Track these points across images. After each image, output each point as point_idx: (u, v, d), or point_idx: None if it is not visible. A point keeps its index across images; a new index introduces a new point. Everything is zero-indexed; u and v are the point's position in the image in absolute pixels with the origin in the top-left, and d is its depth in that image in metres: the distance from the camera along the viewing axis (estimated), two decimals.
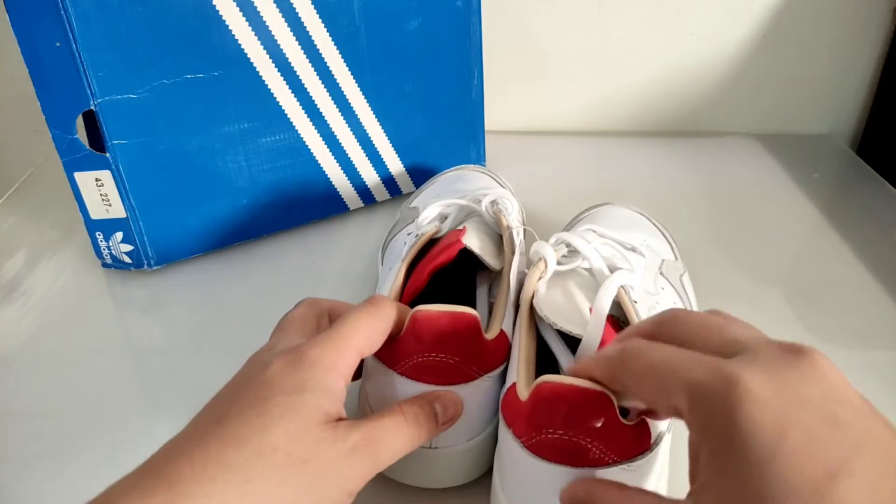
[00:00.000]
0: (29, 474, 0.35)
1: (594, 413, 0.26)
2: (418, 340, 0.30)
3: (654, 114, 0.71)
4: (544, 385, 0.27)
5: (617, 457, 0.26)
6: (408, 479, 0.34)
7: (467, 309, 0.31)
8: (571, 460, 0.26)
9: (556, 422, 0.26)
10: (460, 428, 0.32)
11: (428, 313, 0.30)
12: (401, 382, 0.31)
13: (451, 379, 0.31)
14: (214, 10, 0.44)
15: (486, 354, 0.32)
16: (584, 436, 0.26)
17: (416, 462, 0.33)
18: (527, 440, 0.28)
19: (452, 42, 0.54)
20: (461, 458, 0.33)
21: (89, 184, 0.46)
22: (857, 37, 0.67)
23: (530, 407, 0.27)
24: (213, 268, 0.51)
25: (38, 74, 0.42)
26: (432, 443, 0.32)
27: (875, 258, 0.51)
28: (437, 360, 0.31)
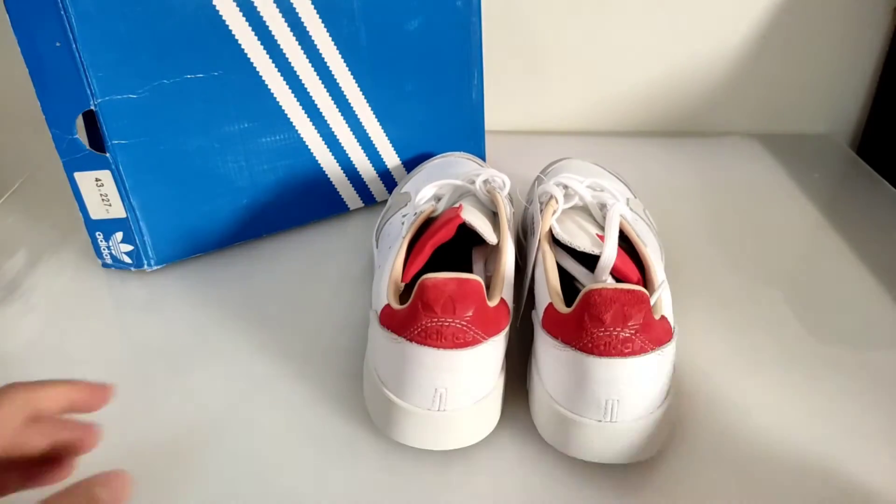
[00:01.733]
0: None
1: (637, 310, 0.31)
2: (427, 307, 0.32)
3: (654, 114, 0.71)
4: (593, 291, 0.32)
5: (653, 345, 0.32)
6: (415, 442, 0.34)
7: (472, 275, 0.33)
8: (618, 352, 0.31)
9: (608, 320, 0.31)
10: (466, 389, 0.34)
11: (435, 280, 0.33)
12: (409, 348, 0.33)
13: (457, 343, 0.32)
14: (214, 10, 0.44)
15: (490, 319, 0.34)
16: (628, 329, 0.31)
17: (423, 425, 0.34)
18: (577, 343, 0.32)
19: (452, 42, 0.54)
20: (467, 419, 0.34)
21: (89, 184, 0.46)
22: (858, 37, 0.67)
23: (579, 312, 0.32)
24: (213, 268, 0.51)
25: (38, 74, 0.42)
26: (439, 405, 0.33)
27: (875, 258, 0.51)
28: (444, 325, 0.32)
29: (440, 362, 0.33)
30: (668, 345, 0.33)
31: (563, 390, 0.34)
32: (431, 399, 0.33)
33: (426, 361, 0.33)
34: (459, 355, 0.33)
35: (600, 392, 0.32)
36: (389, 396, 0.34)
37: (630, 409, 0.32)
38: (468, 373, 0.33)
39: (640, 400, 0.33)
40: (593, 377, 0.32)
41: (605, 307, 0.32)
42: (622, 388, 0.32)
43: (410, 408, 0.34)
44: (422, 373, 0.33)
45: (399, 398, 0.34)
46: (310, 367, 0.41)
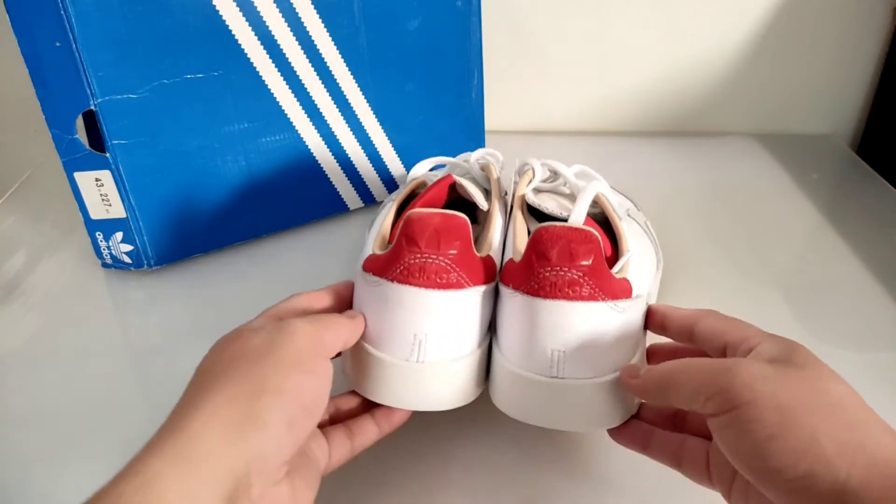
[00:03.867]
0: (29, 474, 0.35)
1: (585, 249, 0.30)
2: (411, 241, 0.31)
3: (655, 114, 0.71)
4: (541, 228, 0.31)
5: (605, 294, 0.30)
6: (390, 398, 0.33)
7: (458, 213, 0.33)
8: (567, 295, 0.30)
9: (553, 257, 0.30)
10: (446, 340, 0.32)
11: (420, 213, 0.32)
12: (390, 289, 0.32)
13: (440, 283, 0.31)
14: (214, 9, 0.44)
15: (475, 265, 0.33)
16: (575, 269, 0.30)
17: (400, 378, 0.32)
18: (525, 286, 0.31)
19: (452, 42, 0.54)
20: (446, 377, 0.33)
21: (89, 184, 0.46)
22: (858, 37, 0.67)
23: (528, 252, 0.31)
24: (213, 268, 0.51)
25: (38, 74, 0.42)
26: (418, 354, 0.32)
27: (875, 258, 0.51)
28: (428, 261, 0.31)
29: (421, 303, 0.31)
30: (626, 301, 0.31)
31: (514, 344, 0.32)
32: (410, 347, 0.32)
33: (407, 302, 0.31)
34: (441, 297, 0.31)
35: (546, 340, 0.31)
36: (366, 348, 0.33)
37: (578, 365, 0.31)
38: (449, 319, 0.32)
39: (590, 356, 0.31)
40: (539, 323, 0.31)
41: (551, 243, 0.31)
42: (568, 338, 0.30)
43: (387, 358, 0.32)
44: (401, 315, 0.32)
45: (376, 348, 0.33)
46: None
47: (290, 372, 0.27)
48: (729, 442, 0.25)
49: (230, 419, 0.25)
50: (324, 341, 0.29)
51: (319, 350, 0.28)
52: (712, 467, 0.29)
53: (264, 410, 0.25)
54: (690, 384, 0.26)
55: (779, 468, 0.23)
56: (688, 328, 0.31)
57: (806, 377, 0.25)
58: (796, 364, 0.25)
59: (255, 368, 0.26)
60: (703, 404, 0.25)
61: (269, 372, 0.26)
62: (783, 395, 0.24)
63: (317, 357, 0.28)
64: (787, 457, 0.23)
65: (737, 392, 0.24)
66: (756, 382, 0.24)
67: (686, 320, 0.31)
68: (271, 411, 0.25)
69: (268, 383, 0.26)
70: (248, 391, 0.25)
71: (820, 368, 0.25)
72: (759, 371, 0.25)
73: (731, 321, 0.30)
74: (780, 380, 0.24)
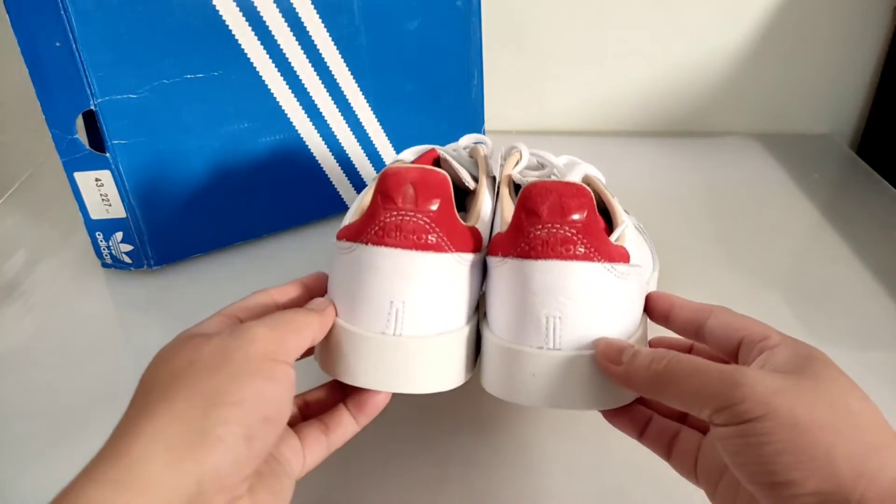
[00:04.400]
0: (29, 474, 0.35)
1: (577, 203, 0.28)
2: (386, 197, 0.29)
3: (655, 114, 0.71)
4: (530, 184, 0.29)
5: (601, 255, 0.28)
6: (364, 378, 0.29)
7: (438, 168, 0.31)
8: (561, 254, 0.28)
9: (544, 213, 0.28)
10: (427, 310, 0.29)
11: (397, 168, 0.30)
12: (364, 253, 0.29)
13: (419, 243, 0.29)
14: (214, 9, 0.44)
15: (458, 230, 0.30)
16: (568, 226, 0.28)
17: (375, 353, 0.29)
18: (514, 249, 0.29)
19: (452, 42, 0.54)
20: (426, 353, 0.29)
21: (89, 184, 0.46)
22: (858, 36, 0.67)
23: (517, 212, 0.29)
24: (213, 268, 0.51)
25: (38, 74, 0.42)
26: (395, 325, 0.29)
27: (875, 258, 0.51)
28: (405, 219, 0.29)
29: (397, 265, 0.29)
30: (624, 266, 0.29)
31: (504, 316, 0.29)
32: (386, 317, 0.29)
33: (382, 266, 0.29)
34: (420, 259, 0.29)
35: (539, 306, 0.28)
36: (337, 324, 0.30)
37: (575, 332, 0.28)
38: (429, 286, 0.29)
39: (588, 324, 0.28)
40: (531, 287, 0.28)
41: (541, 198, 0.28)
42: (563, 301, 0.28)
43: (360, 332, 0.29)
44: (376, 281, 0.29)
45: (349, 322, 0.30)
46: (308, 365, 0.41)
47: (247, 380, 0.24)
48: (734, 452, 0.23)
49: (178, 438, 0.22)
50: (286, 346, 0.26)
51: (281, 355, 0.26)
52: (700, 463, 0.28)
53: (218, 424, 0.23)
54: (695, 388, 0.24)
55: (786, 484, 0.22)
56: (697, 321, 0.29)
57: (824, 391, 0.23)
58: (814, 375, 0.24)
59: (207, 379, 0.24)
60: (709, 414, 0.24)
61: (223, 382, 0.24)
62: (799, 412, 0.22)
63: (277, 363, 0.26)
64: (798, 473, 0.21)
65: (749, 406, 0.23)
66: (771, 397, 0.22)
67: (697, 313, 0.29)
68: (226, 425, 0.23)
69: (222, 395, 0.23)
70: (198, 405, 0.23)
71: (839, 381, 0.24)
72: (774, 384, 0.23)
73: (748, 318, 0.28)
74: (797, 394, 0.23)
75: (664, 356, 0.26)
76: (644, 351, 0.27)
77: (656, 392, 0.26)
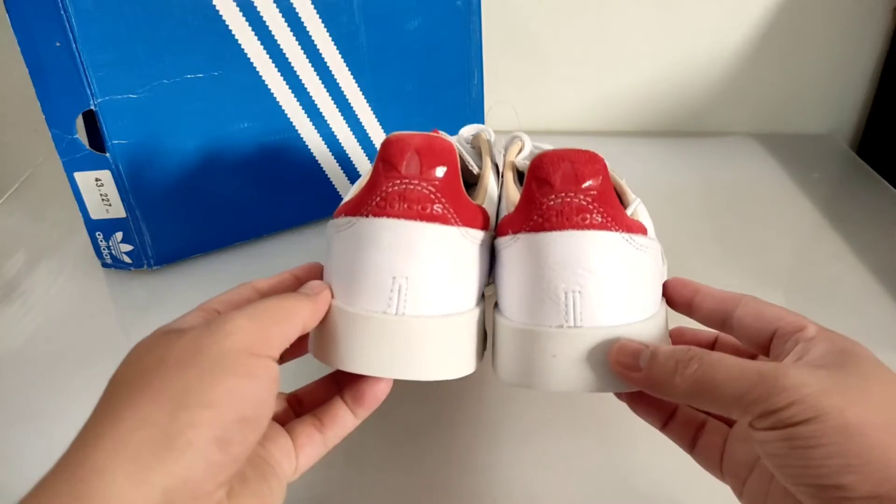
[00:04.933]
0: (28, 475, 0.35)
1: (591, 169, 0.27)
2: (388, 165, 0.27)
3: (654, 113, 0.71)
4: (540, 153, 0.27)
5: (618, 225, 0.27)
6: (365, 364, 0.27)
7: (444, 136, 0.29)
8: (577, 224, 0.26)
9: (557, 182, 0.27)
10: (432, 288, 0.27)
11: (400, 135, 0.28)
12: (364, 227, 0.27)
13: (423, 213, 0.27)
14: (214, 9, 0.44)
15: (465, 204, 0.29)
16: (582, 194, 0.26)
17: (377, 335, 0.27)
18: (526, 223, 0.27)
19: (452, 42, 0.54)
20: (432, 335, 0.27)
21: (89, 184, 0.46)
22: (858, 36, 0.67)
23: (528, 184, 0.27)
24: (213, 268, 0.51)
25: (38, 74, 0.42)
26: (397, 304, 0.27)
27: (875, 258, 0.51)
28: (409, 188, 0.27)
29: (400, 237, 0.27)
30: (642, 238, 0.27)
31: (518, 297, 0.27)
32: (388, 295, 0.26)
33: (383, 239, 0.27)
34: (423, 231, 0.27)
35: (557, 281, 0.26)
36: (335, 307, 0.27)
37: (597, 307, 0.26)
38: (434, 260, 0.27)
39: (610, 294, 0.26)
40: (547, 261, 0.26)
41: (552, 167, 0.27)
42: (582, 274, 0.26)
43: (361, 312, 0.27)
44: (377, 255, 0.27)
45: (348, 304, 0.27)
46: (308, 365, 0.41)
47: (220, 378, 0.22)
48: (778, 455, 0.22)
49: (142, 444, 0.20)
50: (268, 337, 0.24)
51: (261, 349, 0.23)
52: (726, 458, 0.26)
53: (187, 428, 0.21)
54: (732, 394, 0.22)
55: (837, 487, 0.20)
56: (724, 311, 0.27)
57: (874, 388, 0.22)
58: (860, 372, 0.22)
59: (176, 378, 0.22)
60: (750, 420, 0.22)
61: (193, 381, 0.22)
62: (850, 412, 0.21)
63: (257, 358, 0.23)
64: (850, 477, 0.20)
65: (797, 410, 0.21)
66: (820, 399, 0.21)
67: (724, 302, 0.27)
68: (196, 428, 0.21)
69: (191, 395, 0.21)
70: (165, 407, 0.21)
71: (886, 376, 0.22)
72: (821, 384, 0.21)
73: (781, 308, 0.26)
74: (845, 393, 0.21)
75: (690, 357, 0.24)
76: (663, 351, 0.25)
77: (687, 399, 0.24)
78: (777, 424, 0.21)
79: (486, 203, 0.31)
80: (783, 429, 0.21)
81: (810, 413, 0.21)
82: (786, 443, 0.21)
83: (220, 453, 0.21)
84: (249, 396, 0.22)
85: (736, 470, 0.26)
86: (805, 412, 0.21)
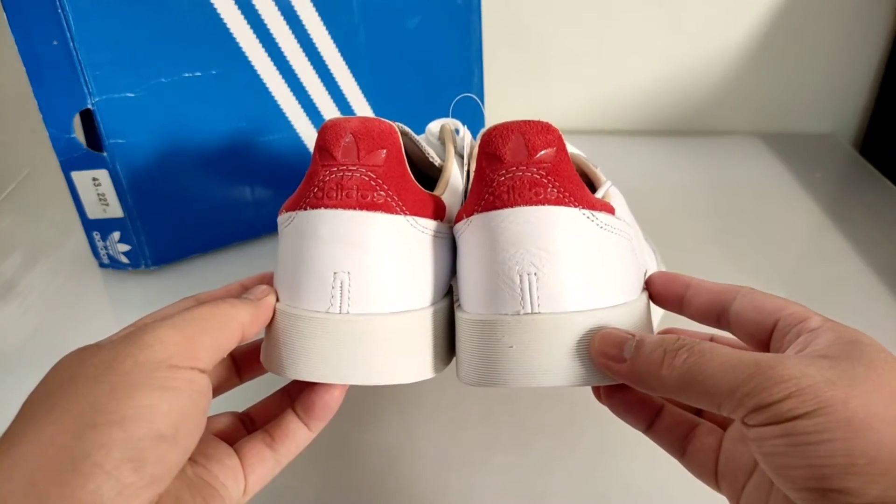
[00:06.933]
0: None
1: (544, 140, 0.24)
2: (324, 152, 0.25)
3: (656, 113, 0.71)
4: (490, 128, 0.25)
5: (577, 201, 0.24)
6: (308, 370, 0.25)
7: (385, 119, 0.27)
8: (530, 199, 0.24)
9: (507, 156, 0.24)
10: (378, 283, 0.25)
11: (336, 119, 0.26)
12: (302, 220, 0.25)
13: (362, 202, 0.25)
14: (212, 8, 0.44)
15: (411, 191, 0.26)
16: (535, 167, 0.24)
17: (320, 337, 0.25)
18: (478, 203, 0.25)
19: (452, 40, 0.54)
20: (385, 335, 0.25)
21: (86, 183, 0.46)
22: (860, 36, 0.66)
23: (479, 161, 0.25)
24: (211, 268, 0.50)
25: (36, 73, 0.42)
26: (340, 302, 0.24)
27: (878, 257, 0.51)
28: (346, 175, 0.25)
29: (339, 228, 0.25)
30: (606, 216, 0.25)
31: (473, 286, 0.25)
32: (329, 293, 0.24)
33: (321, 231, 0.25)
34: (365, 220, 0.25)
35: (511, 263, 0.24)
36: (279, 310, 0.26)
37: (556, 290, 0.23)
38: (377, 252, 0.25)
39: (570, 275, 0.24)
40: (499, 242, 0.24)
41: (502, 139, 0.24)
42: (537, 253, 0.23)
43: (302, 313, 0.25)
44: (316, 249, 0.25)
45: (290, 306, 0.25)
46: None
47: (133, 392, 0.20)
48: (775, 454, 0.19)
49: (43, 471, 0.18)
50: (194, 347, 0.22)
51: (184, 360, 0.21)
52: (721, 464, 0.24)
53: (93, 449, 0.19)
54: (725, 386, 0.20)
55: (841, 491, 0.18)
56: (720, 304, 0.25)
57: (883, 379, 0.19)
58: (868, 362, 0.20)
59: (84, 395, 0.20)
60: (743, 414, 0.20)
61: (103, 397, 0.20)
62: (855, 404, 0.19)
63: (177, 370, 0.21)
64: (856, 479, 0.18)
65: (797, 402, 0.19)
66: (822, 389, 0.19)
67: (719, 295, 0.25)
68: (103, 449, 0.19)
69: (99, 412, 0.19)
70: (70, 428, 0.19)
71: None
72: (823, 374, 0.19)
73: (781, 300, 0.24)
74: (851, 384, 0.19)
75: (679, 346, 0.22)
76: (650, 340, 0.22)
77: (676, 393, 0.22)
78: (774, 419, 0.19)
79: (448, 193, 0.29)
80: (780, 423, 0.19)
81: (811, 405, 0.19)
82: (784, 439, 0.19)
83: (134, 475, 0.19)
84: (167, 411, 0.20)
85: (733, 475, 0.23)
86: (805, 404, 0.19)
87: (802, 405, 0.19)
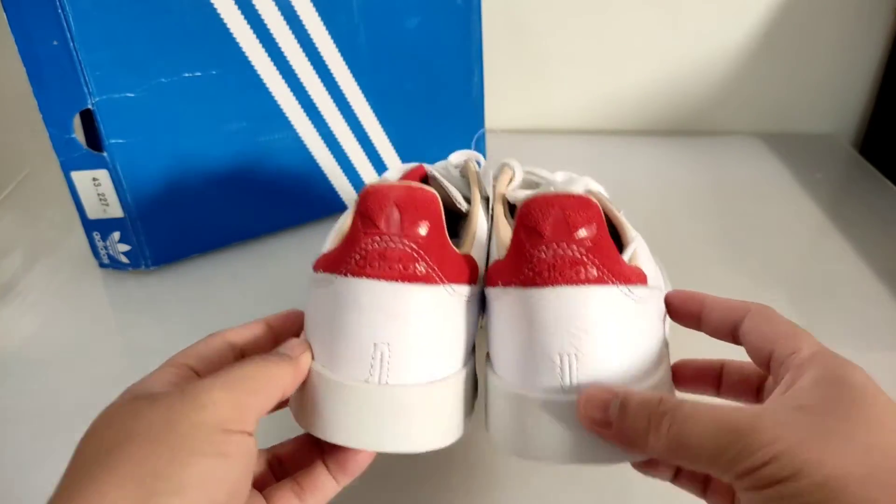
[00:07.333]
0: (27, 476, 0.35)
1: (584, 216, 0.25)
2: (367, 219, 0.26)
3: (657, 113, 0.71)
4: (528, 199, 0.26)
5: (616, 277, 0.25)
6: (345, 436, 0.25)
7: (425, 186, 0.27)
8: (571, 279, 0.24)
9: (547, 231, 0.25)
10: (416, 353, 0.25)
11: (379, 186, 0.26)
12: (343, 286, 0.25)
13: (405, 274, 0.25)
14: (212, 8, 0.44)
15: (451, 258, 0.27)
16: (576, 245, 0.24)
17: (358, 405, 0.25)
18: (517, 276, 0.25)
19: (452, 40, 0.53)
20: (419, 403, 0.26)
21: (86, 183, 0.46)
22: (861, 36, 0.66)
23: (517, 233, 0.26)
24: (211, 268, 0.50)
25: (36, 73, 0.42)
26: (380, 373, 0.25)
27: (878, 258, 0.51)
28: (389, 247, 0.25)
29: (381, 299, 0.25)
30: (641, 288, 0.25)
31: (510, 357, 0.26)
32: (370, 362, 0.25)
33: (363, 301, 0.25)
34: (407, 292, 0.25)
35: (551, 343, 0.24)
36: (315, 371, 0.26)
37: (594, 371, 0.24)
38: (418, 325, 0.25)
39: (608, 357, 0.24)
40: (540, 320, 0.24)
41: (542, 214, 0.25)
42: (578, 335, 0.24)
43: (340, 380, 0.25)
44: (358, 320, 0.25)
45: (329, 370, 0.26)
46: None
47: (192, 459, 0.21)
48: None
49: None
50: (244, 411, 0.23)
51: (236, 423, 0.22)
52: None
53: None
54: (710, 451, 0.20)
55: None
56: (731, 323, 0.25)
57: (857, 433, 0.20)
58: (845, 413, 0.20)
59: (144, 459, 0.20)
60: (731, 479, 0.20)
61: (164, 461, 0.20)
62: (830, 465, 0.19)
63: (230, 434, 0.22)
64: None
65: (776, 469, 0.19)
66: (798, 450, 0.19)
67: (731, 312, 0.25)
68: None
69: (160, 480, 0.20)
70: (132, 493, 0.19)
71: (879, 411, 0.20)
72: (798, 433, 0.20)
73: (781, 325, 0.25)
74: (825, 441, 0.19)
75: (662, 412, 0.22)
76: (633, 402, 0.23)
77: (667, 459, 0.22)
78: (758, 484, 0.20)
79: (476, 247, 0.30)
80: (763, 489, 0.19)
81: (789, 470, 0.19)
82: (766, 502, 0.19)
83: None
84: (222, 478, 0.21)
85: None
86: (784, 470, 0.19)
87: (781, 471, 0.19)
